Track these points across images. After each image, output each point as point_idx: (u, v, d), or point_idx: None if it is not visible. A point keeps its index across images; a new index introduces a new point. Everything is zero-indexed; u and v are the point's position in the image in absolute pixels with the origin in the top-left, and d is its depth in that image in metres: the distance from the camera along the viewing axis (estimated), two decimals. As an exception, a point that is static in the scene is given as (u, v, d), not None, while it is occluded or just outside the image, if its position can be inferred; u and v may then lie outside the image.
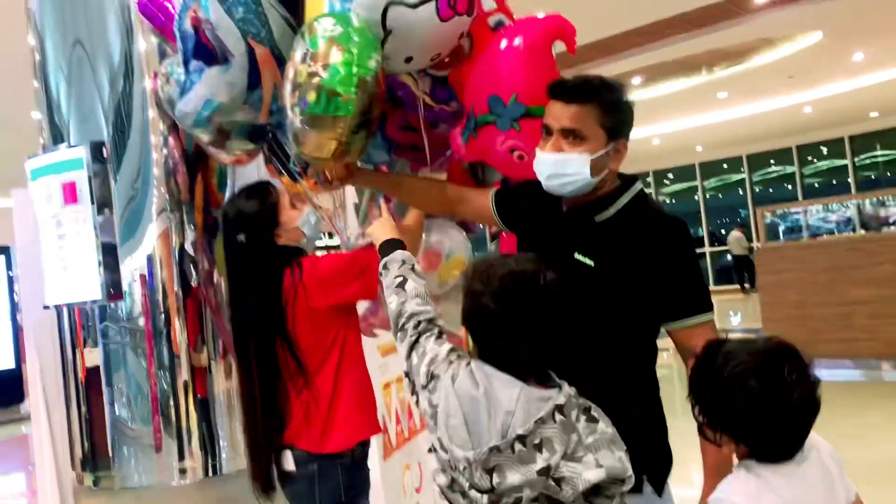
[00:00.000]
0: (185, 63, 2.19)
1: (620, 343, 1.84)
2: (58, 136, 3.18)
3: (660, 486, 1.87)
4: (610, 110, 1.83)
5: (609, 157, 1.85)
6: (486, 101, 2.09)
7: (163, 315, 3.00)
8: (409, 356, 1.72)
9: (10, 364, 10.08)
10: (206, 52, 2.13)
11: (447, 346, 1.68)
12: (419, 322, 1.75)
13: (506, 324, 1.52)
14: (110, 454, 3.02)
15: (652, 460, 1.85)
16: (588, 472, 1.43)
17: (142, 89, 3.10)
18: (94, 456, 3.07)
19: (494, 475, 1.46)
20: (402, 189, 2.39)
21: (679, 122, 16.15)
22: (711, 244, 20.81)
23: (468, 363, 1.58)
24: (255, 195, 2.34)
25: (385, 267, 1.92)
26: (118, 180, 3.05)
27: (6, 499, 6.24)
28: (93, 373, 3.08)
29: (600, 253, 1.81)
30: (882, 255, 7.05)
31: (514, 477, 1.44)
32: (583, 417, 1.49)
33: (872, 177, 18.75)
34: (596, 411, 1.53)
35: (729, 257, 19.92)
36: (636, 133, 1.95)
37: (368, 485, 2.47)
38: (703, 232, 21.00)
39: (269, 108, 2.24)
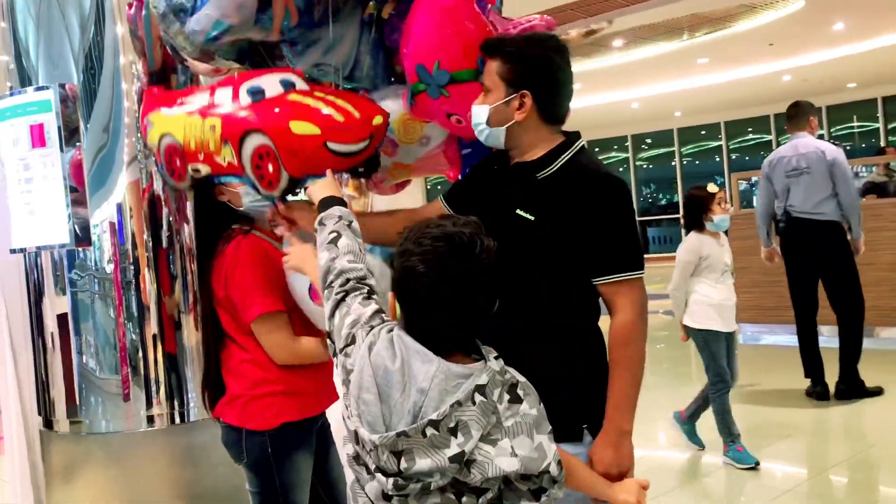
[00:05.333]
0: None
1: (561, 295, 1.89)
2: (26, 80, 3.12)
3: None
4: (511, 62, 1.89)
5: (510, 108, 1.89)
6: (415, 70, 2.10)
7: (132, 266, 2.98)
8: (332, 315, 1.60)
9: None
10: None
11: (373, 307, 1.56)
12: (347, 280, 1.63)
13: (433, 290, 1.40)
14: (77, 401, 3.02)
15: (592, 411, 1.89)
16: (501, 460, 1.35)
17: (113, 35, 3.04)
18: (60, 402, 3.07)
19: (403, 459, 1.36)
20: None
21: (659, 86, 16.14)
22: (686, 210, 20.96)
23: (390, 330, 1.47)
24: None
25: (321, 223, 1.81)
26: (88, 128, 3.01)
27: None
28: (61, 320, 3.07)
29: (540, 208, 1.86)
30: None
31: (423, 462, 1.35)
32: (506, 397, 1.40)
33: (847, 147, 18.92)
34: (522, 388, 1.45)
35: (703, 223, 20.08)
36: (616, 96, 2.01)
37: (326, 441, 2.47)
38: (679, 198, 21.11)
39: (280, 28, 2.18)
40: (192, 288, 3.01)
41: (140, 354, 2.97)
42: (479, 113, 1.94)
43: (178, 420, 2.99)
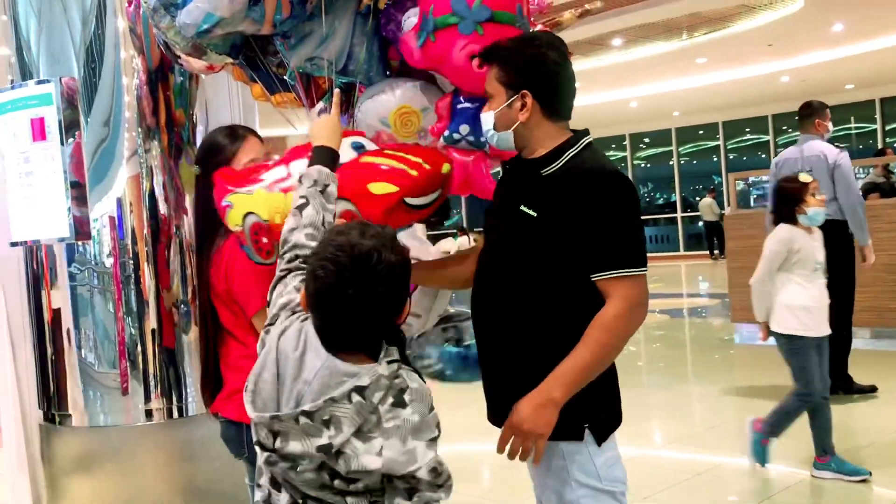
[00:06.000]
0: None
1: (562, 292, 1.91)
2: (27, 74, 3.13)
3: (601, 437, 1.93)
4: (507, 65, 1.92)
5: (513, 110, 1.93)
6: (450, 1, 2.03)
7: (132, 260, 2.99)
8: (273, 288, 1.70)
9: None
10: None
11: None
12: (296, 256, 1.71)
13: (328, 294, 1.48)
14: (76, 395, 3.03)
15: (592, 410, 1.91)
16: (366, 457, 1.42)
17: (114, 29, 3.05)
18: (59, 396, 3.08)
19: (278, 439, 1.46)
20: (432, 278, 2.29)
21: (657, 85, 16.17)
22: (684, 210, 21.00)
23: (304, 320, 1.56)
24: (225, 136, 2.34)
25: (300, 180, 1.84)
26: (89, 122, 3.01)
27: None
28: (60, 314, 3.07)
29: (543, 205, 1.89)
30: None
31: (294, 445, 1.44)
32: (390, 400, 1.46)
33: (845, 148, 18.94)
34: (410, 394, 1.49)
35: (700, 223, 20.11)
36: (614, 95, 2.01)
37: None
38: (676, 197, 21.15)
39: (272, 21, 2.18)
40: (192, 283, 3.02)
41: (139, 349, 2.98)
42: (487, 120, 1.97)
43: (176, 414, 3.00)
